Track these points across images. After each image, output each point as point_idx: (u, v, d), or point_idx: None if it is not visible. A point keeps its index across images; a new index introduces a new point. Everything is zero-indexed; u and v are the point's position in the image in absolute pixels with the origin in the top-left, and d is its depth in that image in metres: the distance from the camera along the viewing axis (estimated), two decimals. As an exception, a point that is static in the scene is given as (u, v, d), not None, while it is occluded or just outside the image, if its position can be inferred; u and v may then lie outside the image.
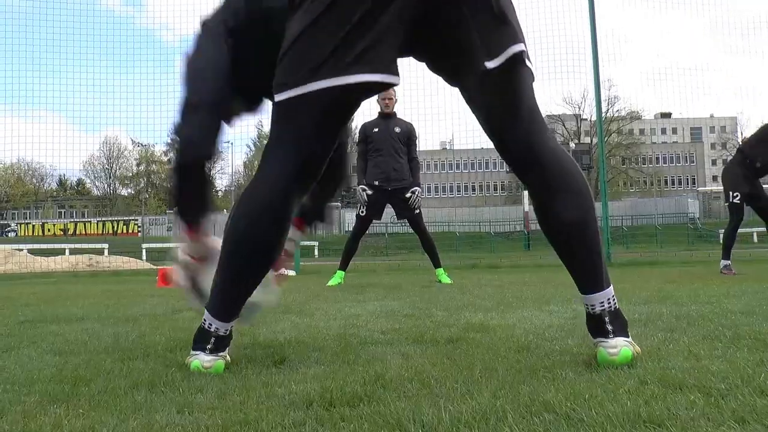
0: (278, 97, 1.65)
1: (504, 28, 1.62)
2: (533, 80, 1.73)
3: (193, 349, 1.79)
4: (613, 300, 1.71)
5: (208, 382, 1.58)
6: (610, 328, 1.66)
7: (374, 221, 6.41)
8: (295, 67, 1.60)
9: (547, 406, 1.23)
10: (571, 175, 1.70)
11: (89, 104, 12.28)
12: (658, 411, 1.16)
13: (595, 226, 1.71)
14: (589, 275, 1.71)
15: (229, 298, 1.78)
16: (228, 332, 1.79)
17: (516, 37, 1.64)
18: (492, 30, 1.61)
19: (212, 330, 1.77)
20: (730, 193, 6.49)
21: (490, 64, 1.60)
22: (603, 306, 1.69)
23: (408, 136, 6.30)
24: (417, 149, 6.52)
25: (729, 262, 6.37)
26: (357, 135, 6.61)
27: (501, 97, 1.69)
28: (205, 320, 1.79)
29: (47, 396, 1.46)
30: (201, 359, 1.75)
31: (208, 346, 1.76)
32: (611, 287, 1.72)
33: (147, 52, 17.04)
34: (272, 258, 1.74)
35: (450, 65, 1.76)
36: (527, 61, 1.69)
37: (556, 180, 1.69)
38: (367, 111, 13.14)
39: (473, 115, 1.81)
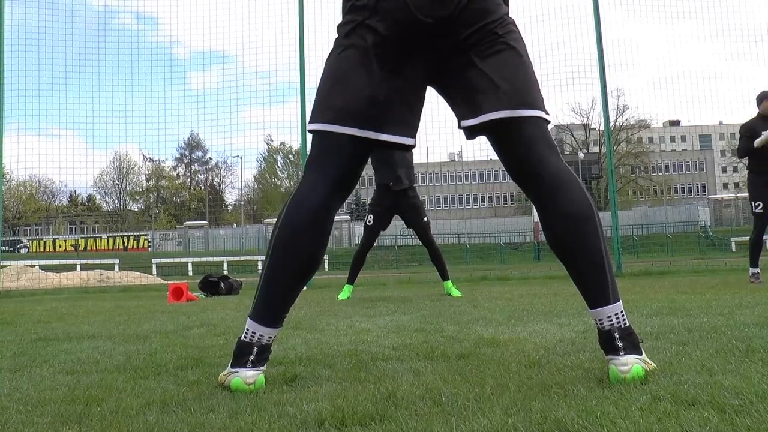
0: (310, 126, 1.85)
1: (492, 91, 1.75)
2: (544, 124, 1.80)
3: (233, 366, 1.78)
4: (622, 316, 1.70)
5: (220, 401, 1.58)
6: (620, 344, 1.66)
7: (382, 233, 6.38)
8: (321, 107, 1.82)
9: (559, 424, 1.22)
10: (577, 194, 1.74)
11: (101, 120, 12.34)
12: (671, 429, 1.15)
13: (595, 230, 1.72)
14: (594, 286, 1.72)
15: (274, 303, 1.82)
16: (270, 341, 1.81)
17: (501, 103, 1.74)
18: (475, 90, 1.77)
19: (255, 340, 1.78)
20: (752, 203, 6.47)
21: (465, 123, 1.80)
22: (611, 322, 1.69)
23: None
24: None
25: (758, 270, 6.32)
26: None
27: (496, 142, 1.85)
28: (247, 331, 1.80)
29: (60, 417, 1.47)
30: (243, 375, 1.73)
31: (250, 358, 1.76)
32: (620, 303, 1.72)
33: (159, 68, 17.08)
34: (315, 263, 1.85)
35: (449, 102, 1.92)
36: (526, 116, 1.76)
37: (554, 191, 1.75)
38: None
39: None
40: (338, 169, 1.83)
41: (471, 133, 1.83)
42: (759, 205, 6.37)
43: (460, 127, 1.84)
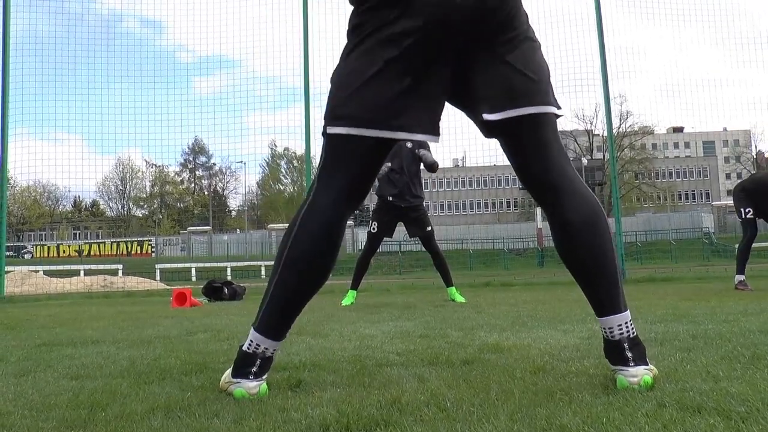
0: (332, 130, 1.74)
1: (520, 84, 1.68)
2: (555, 119, 1.76)
3: (234, 376, 1.75)
4: (631, 325, 1.68)
5: (224, 407, 1.58)
6: (629, 355, 1.63)
7: (386, 239, 6.37)
8: (354, 109, 1.70)
9: (564, 430, 1.22)
10: (584, 198, 1.72)
11: (106, 126, 12.38)
12: (678, 435, 1.15)
13: (605, 235, 1.70)
14: (605, 293, 1.68)
15: (283, 318, 1.80)
16: (274, 353, 1.79)
17: (532, 98, 1.69)
18: (503, 84, 1.69)
19: (259, 351, 1.76)
20: (741, 210, 6.53)
21: (488, 117, 1.69)
22: (621, 331, 1.66)
23: (420, 145, 6.20)
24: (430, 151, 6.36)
25: (743, 277, 6.37)
26: None
27: (512, 141, 1.77)
28: (251, 342, 1.77)
29: (64, 422, 1.47)
30: (245, 386, 1.71)
31: (253, 370, 1.74)
32: (628, 311, 1.70)
33: (164, 73, 17.10)
34: (325, 277, 1.81)
35: (462, 102, 1.84)
36: (548, 113, 1.73)
37: (568, 197, 1.72)
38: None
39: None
40: (355, 176, 1.76)
41: (490, 130, 1.74)
42: (749, 211, 6.45)
43: (479, 120, 1.74)
